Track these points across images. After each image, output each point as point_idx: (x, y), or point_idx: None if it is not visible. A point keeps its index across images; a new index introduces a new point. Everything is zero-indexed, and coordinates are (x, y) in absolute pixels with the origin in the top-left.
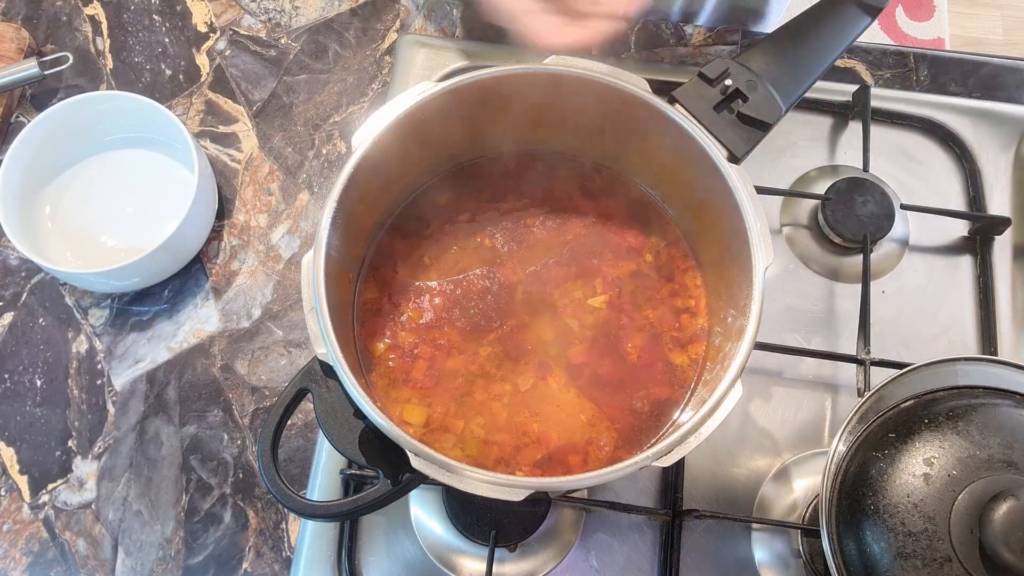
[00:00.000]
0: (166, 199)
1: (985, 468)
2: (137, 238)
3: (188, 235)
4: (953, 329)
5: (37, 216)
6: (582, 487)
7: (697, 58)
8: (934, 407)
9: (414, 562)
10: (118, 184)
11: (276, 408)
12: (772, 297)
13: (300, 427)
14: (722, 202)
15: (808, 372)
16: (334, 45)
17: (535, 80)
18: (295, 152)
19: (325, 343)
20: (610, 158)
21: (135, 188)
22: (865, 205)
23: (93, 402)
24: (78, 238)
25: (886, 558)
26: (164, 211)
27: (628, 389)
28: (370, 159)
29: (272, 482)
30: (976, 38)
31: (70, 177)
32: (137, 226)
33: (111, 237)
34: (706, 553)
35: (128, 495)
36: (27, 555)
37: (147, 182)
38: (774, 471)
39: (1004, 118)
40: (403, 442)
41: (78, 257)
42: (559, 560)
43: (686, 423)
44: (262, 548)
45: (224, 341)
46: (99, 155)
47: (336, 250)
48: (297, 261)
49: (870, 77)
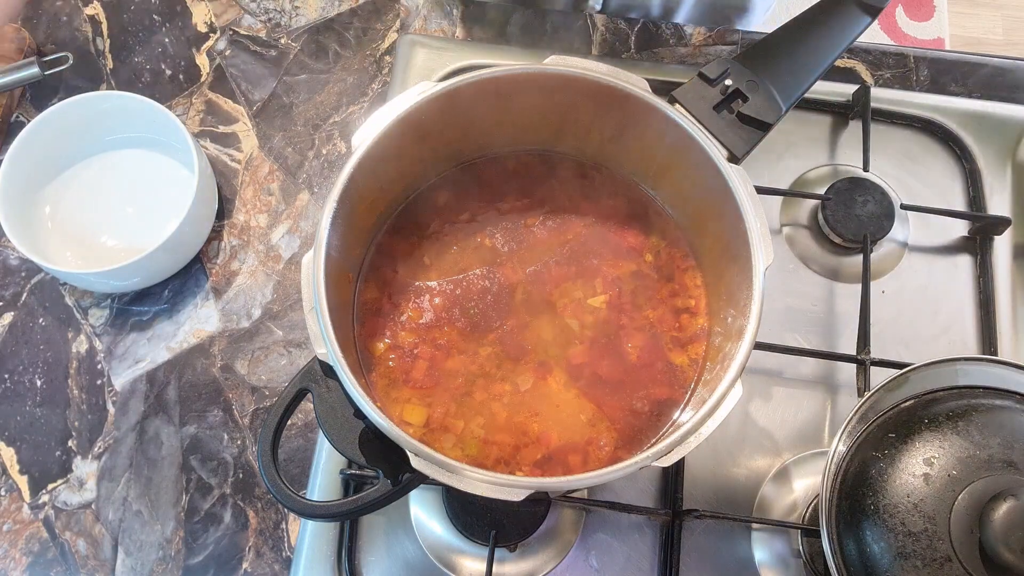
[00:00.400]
0: (166, 199)
1: (985, 468)
2: (137, 238)
3: (188, 235)
4: (953, 329)
5: (37, 216)
6: (582, 487)
7: (697, 58)
8: (934, 407)
9: (414, 562)
10: (118, 184)
11: (276, 408)
12: (772, 297)
13: (300, 427)
14: (722, 202)
15: (808, 372)
16: (334, 45)
17: (535, 80)
18: (295, 152)
19: (325, 343)
20: (610, 158)
21: (135, 188)
22: (865, 205)
23: (93, 402)
24: (78, 238)
25: (886, 558)
26: (164, 211)
27: (628, 389)
28: (370, 159)
29: (272, 482)
30: (976, 38)
31: (70, 177)
32: (137, 226)
33: (111, 237)
34: (706, 553)
35: (128, 495)
36: (27, 555)
37: (147, 182)
38: (774, 471)
39: (1004, 118)
40: (403, 442)
41: (78, 257)
42: (559, 560)
43: (686, 423)
44: (262, 548)
45: (224, 341)
46: (99, 155)
47: (336, 250)
48: (297, 261)
49: (870, 77)
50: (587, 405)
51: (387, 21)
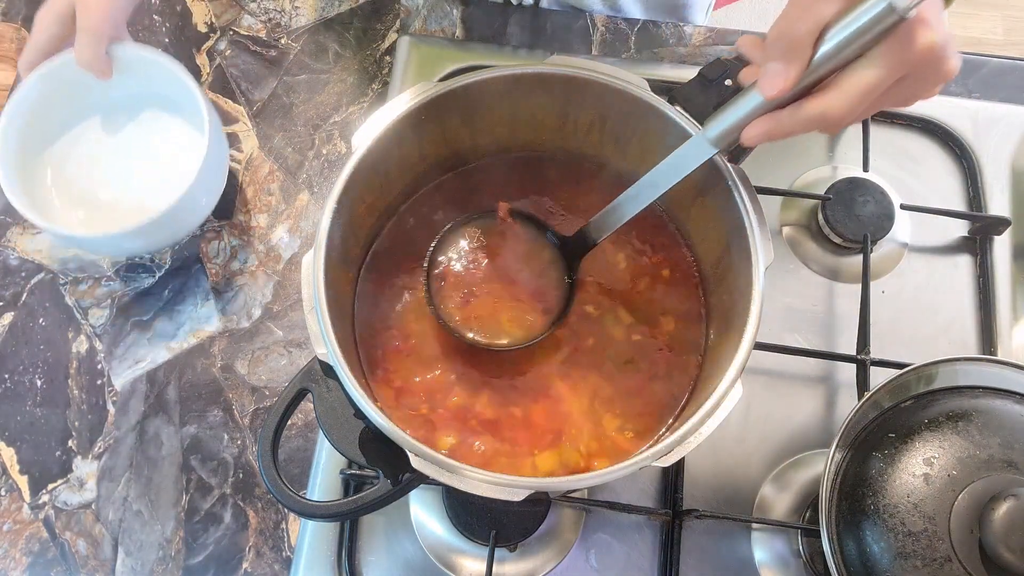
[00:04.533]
0: (174, 160)
1: (985, 468)
2: (145, 201)
3: (199, 197)
4: (953, 329)
5: (39, 179)
6: (582, 487)
7: (697, 58)
8: (934, 407)
9: (414, 562)
10: (124, 145)
11: (276, 408)
12: (772, 297)
13: (300, 427)
14: (722, 202)
15: (808, 372)
16: (334, 45)
17: (535, 80)
18: (295, 152)
19: (325, 343)
20: (610, 158)
21: (142, 149)
22: (865, 205)
23: (93, 402)
24: (83, 200)
25: (886, 558)
26: (173, 172)
27: (628, 389)
28: (370, 159)
29: (272, 482)
30: (976, 38)
31: (73, 138)
32: (145, 188)
33: (117, 199)
34: (706, 553)
35: (128, 495)
36: (27, 555)
37: (154, 142)
38: (774, 471)
39: (1004, 118)
40: (403, 442)
41: (83, 222)
42: (559, 560)
43: (686, 423)
44: (262, 548)
45: (224, 341)
46: (102, 115)
47: (336, 250)
48: (297, 261)
49: None
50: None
51: (387, 21)
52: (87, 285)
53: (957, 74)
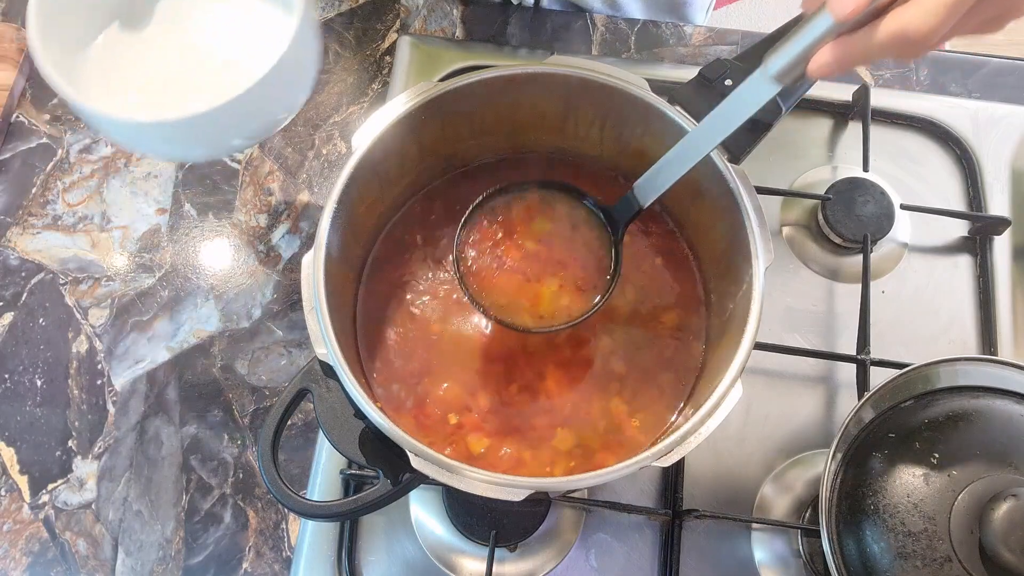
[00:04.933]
0: (253, 45)
1: (985, 468)
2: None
3: (281, 85)
4: (953, 329)
5: (83, 54)
6: (582, 487)
7: (697, 58)
8: (934, 407)
9: (414, 562)
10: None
11: (276, 408)
12: (772, 297)
13: (300, 427)
14: (722, 202)
15: (808, 372)
16: (334, 45)
17: (535, 80)
18: (295, 152)
19: (325, 343)
20: (610, 158)
21: (213, 31)
22: (865, 205)
23: (93, 402)
24: (135, 84)
25: (886, 558)
26: (250, 59)
27: (628, 388)
28: (370, 159)
29: (272, 482)
30: (976, 38)
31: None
32: (216, 76)
33: (183, 82)
34: (706, 553)
35: (128, 495)
36: (27, 555)
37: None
38: (774, 471)
39: (1004, 118)
40: (403, 442)
41: (133, 105)
42: (559, 560)
43: (686, 423)
44: (262, 548)
45: (224, 341)
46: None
47: (336, 250)
48: (297, 261)
49: (870, 77)
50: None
51: (387, 21)
52: (87, 285)
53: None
